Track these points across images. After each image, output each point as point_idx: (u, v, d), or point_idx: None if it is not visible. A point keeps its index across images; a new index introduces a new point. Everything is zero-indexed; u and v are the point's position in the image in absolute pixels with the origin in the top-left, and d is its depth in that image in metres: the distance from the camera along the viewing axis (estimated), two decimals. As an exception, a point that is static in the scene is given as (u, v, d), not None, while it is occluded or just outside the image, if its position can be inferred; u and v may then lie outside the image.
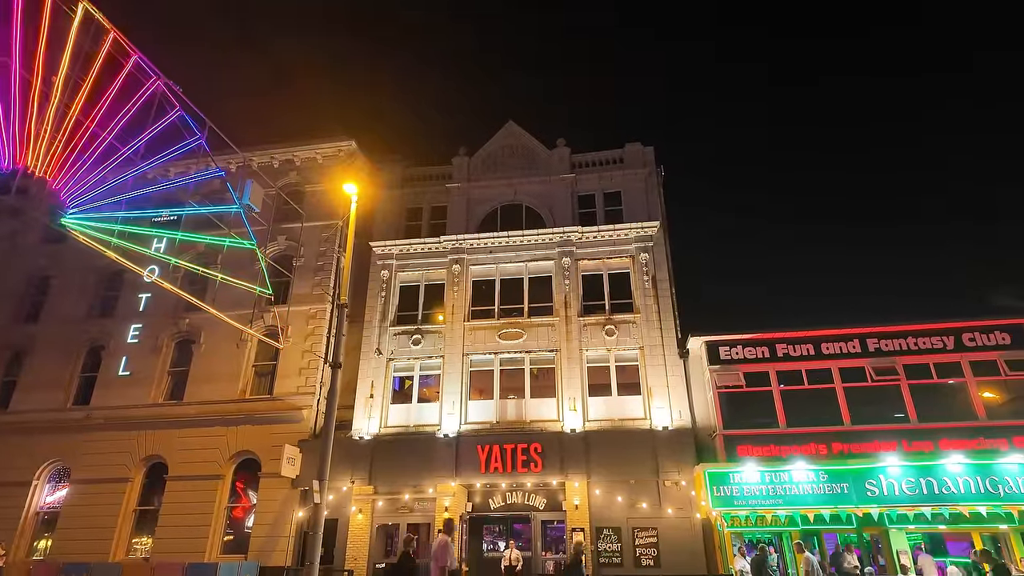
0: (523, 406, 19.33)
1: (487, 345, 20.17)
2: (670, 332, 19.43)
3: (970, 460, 15.14)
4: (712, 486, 15.90)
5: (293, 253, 22.53)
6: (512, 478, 17.90)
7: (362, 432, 19.27)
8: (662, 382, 18.66)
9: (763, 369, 17.37)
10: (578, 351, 19.60)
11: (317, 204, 23.05)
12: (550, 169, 22.75)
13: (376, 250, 22.05)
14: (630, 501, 17.28)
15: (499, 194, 22.75)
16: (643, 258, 20.53)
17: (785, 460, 15.93)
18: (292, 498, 18.78)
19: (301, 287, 21.81)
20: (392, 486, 18.54)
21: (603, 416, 18.73)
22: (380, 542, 18.49)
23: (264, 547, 18.26)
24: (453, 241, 21.59)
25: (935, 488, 14.99)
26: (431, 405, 19.81)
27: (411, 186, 23.57)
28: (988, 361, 16.42)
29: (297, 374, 20.55)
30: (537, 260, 21.27)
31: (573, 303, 20.34)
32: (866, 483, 15.27)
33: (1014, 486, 14.77)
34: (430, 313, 21.26)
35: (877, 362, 16.87)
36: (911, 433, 15.87)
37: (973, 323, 16.88)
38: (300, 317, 21.22)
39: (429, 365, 20.42)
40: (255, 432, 19.83)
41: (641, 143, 22.79)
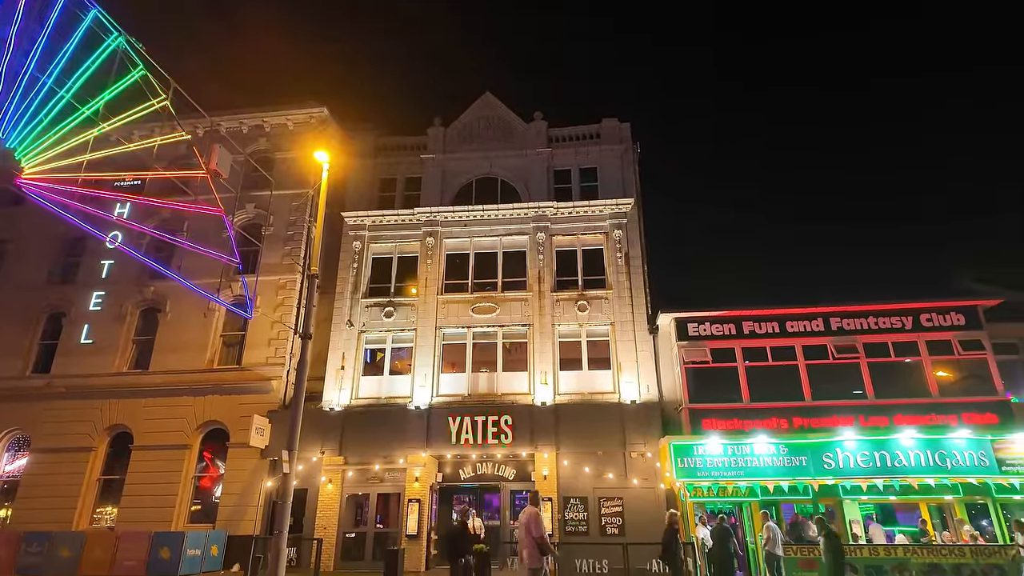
0: (495, 379, 19.48)
1: (460, 319, 20.18)
2: (641, 308, 19.69)
3: (922, 435, 15.85)
4: (677, 458, 16.36)
5: (262, 222, 22.07)
6: (482, 449, 18.12)
7: (333, 403, 19.22)
8: (632, 357, 18.96)
9: (729, 345, 17.77)
10: (550, 326, 19.75)
11: (287, 172, 22.55)
12: (526, 143, 22.59)
13: (348, 220, 21.73)
14: (597, 472, 17.67)
15: (475, 167, 22.55)
16: (617, 235, 20.65)
17: (748, 434, 16.44)
18: (261, 468, 18.73)
19: (270, 257, 21.43)
20: (363, 457, 18.61)
21: (573, 390, 19.00)
22: (350, 511, 18.62)
23: (232, 516, 18.24)
24: (427, 213, 21.39)
25: (888, 461, 15.69)
26: (403, 377, 19.82)
27: (385, 156, 23.20)
28: (943, 341, 17.07)
29: (266, 345, 20.31)
30: (512, 235, 21.23)
31: (547, 278, 20.43)
32: (824, 456, 15.89)
33: (961, 460, 15.53)
34: (403, 286, 21.14)
35: (839, 340, 17.40)
36: (868, 409, 16.49)
37: (931, 304, 17.48)
38: (269, 287, 20.90)
39: (401, 338, 20.38)
40: (223, 402, 19.62)
41: (618, 119, 22.75)
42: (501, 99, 23.62)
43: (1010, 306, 17.71)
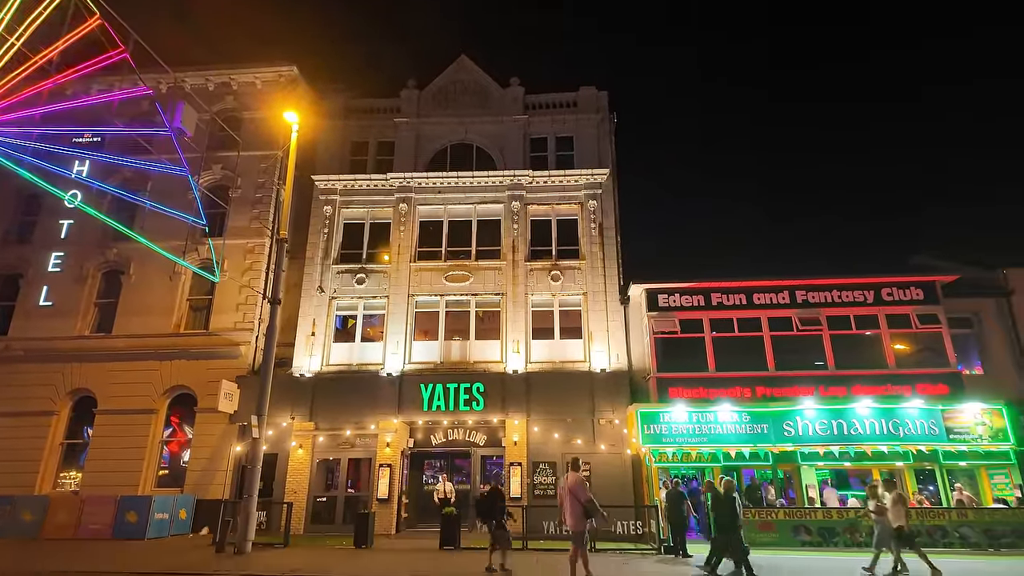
0: (467, 347, 19.55)
1: (433, 287, 20.10)
2: (613, 279, 19.86)
3: (877, 404, 16.52)
4: (643, 425, 16.78)
5: (229, 183, 21.48)
6: (454, 416, 18.29)
7: (303, 369, 19.11)
8: (603, 327, 19.20)
9: (698, 316, 18.10)
10: (524, 295, 19.82)
11: (255, 132, 21.88)
12: (503, 109, 22.26)
13: (319, 184, 21.27)
14: (566, 438, 18.02)
15: (449, 132, 22.18)
16: (592, 205, 20.66)
17: (713, 402, 16.90)
18: (230, 433, 18.63)
19: (238, 219, 20.93)
20: (333, 422, 18.63)
21: (545, 358, 19.20)
22: (320, 476, 18.71)
23: (201, 481, 18.17)
24: (401, 179, 21.05)
25: (845, 429, 16.35)
26: (375, 344, 19.76)
27: (356, 118, 22.63)
28: (902, 315, 17.64)
29: (235, 309, 19.98)
30: (487, 203, 21.07)
31: (521, 247, 20.40)
32: (784, 424, 16.47)
33: (912, 428, 16.26)
34: (375, 252, 20.90)
35: (803, 313, 17.86)
36: (828, 379, 17.06)
37: (892, 279, 18.00)
38: (237, 251, 20.46)
39: (373, 305, 20.24)
40: (190, 367, 19.34)
41: (596, 87, 22.53)
42: (477, 64, 23.15)
43: (966, 282, 18.35)
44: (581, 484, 9.73)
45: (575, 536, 9.55)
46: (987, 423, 16.24)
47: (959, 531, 14.91)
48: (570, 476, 9.92)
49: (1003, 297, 18.69)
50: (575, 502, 9.54)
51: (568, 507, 9.60)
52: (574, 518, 9.54)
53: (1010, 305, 18.58)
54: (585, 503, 9.50)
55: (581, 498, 9.53)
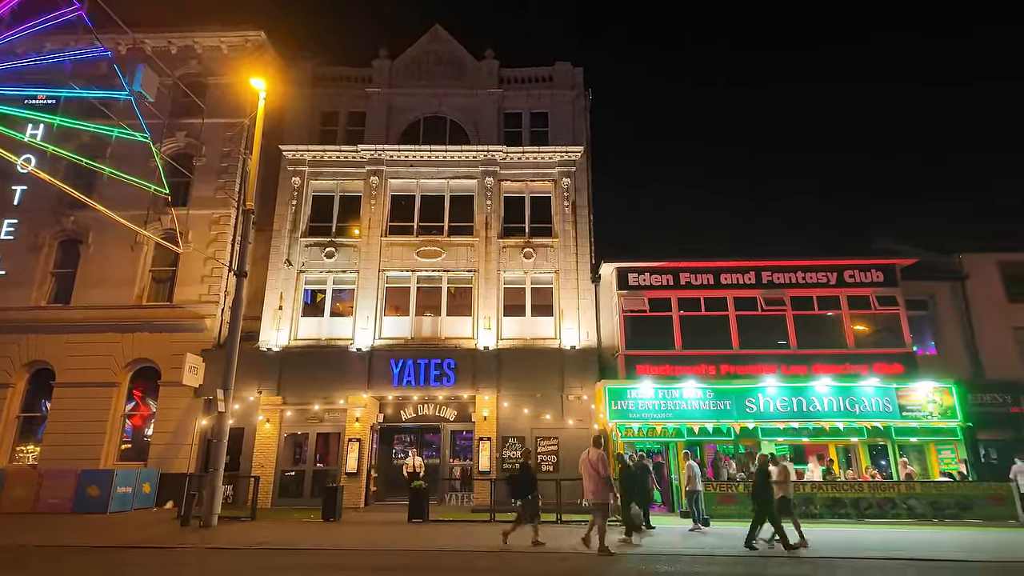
0: (439, 323, 19.52)
1: (405, 262, 19.93)
2: (585, 257, 19.97)
3: (836, 383, 17.09)
4: (611, 400, 17.09)
5: (194, 151, 20.80)
6: (424, 391, 18.33)
7: (270, 344, 18.85)
8: (574, 305, 19.35)
9: (667, 296, 18.36)
10: (496, 272, 19.80)
11: (221, 99, 21.15)
12: (477, 82, 21.93)
13: (287, 155, 20.75)
14: (535, 413, 18.24)
15: (422, 104, 21.79)
16: (565, 183, 20.63)
17: (679, 379, 17.27)
18: (195, 407, 18.35)
19: (203, 189, 20.34)
20: (302, 397, 18.49)
21: (516, 335, 19.30)
22: (288, 450, 18.62)
23: (165, 455, 17.92)
24: (372, 151, 20.66)
25: (804, 406, 16.90)
26: (344, 319, 19.57)
27: (326, 87, 22.03)
28: (862, 296, 18.19)
29: (199, 282, 19.53)
30: (460, 178, 20.86)
31: (494, 224, 20.32)
32: (746, 401, 16.95)
33: (868, 406, 16.89)
34: (345, 226, 20.57)
35: (768, 293, 18.27)
36: (789, 358, 17.56)
37: (854, 261, 18.52)
38: (202, 222, 19.93)
39: (343, 279, 19.99)
40: (153, 340, 18.91)
41: (571, 63, 22.33)
42: (452, 34, 22.69)
43: (923, 266, 18.98)
44: (602, 460, 10.37)
45: (597, 507, 10.19)
46: (937, 401, 16.95)
47: (907, 503, 15.63)
48: (592, 452, 10.53)
49: (958, 281, 19.40)
50: (596, 476, 10.20)
51: (590, 481, 10.29)
52: (598, 490, 10.20)
53: (964, 289, 19.31)
54: (605, 478, 10.19)
55: (602, 473, 10.22)
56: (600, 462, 10.33)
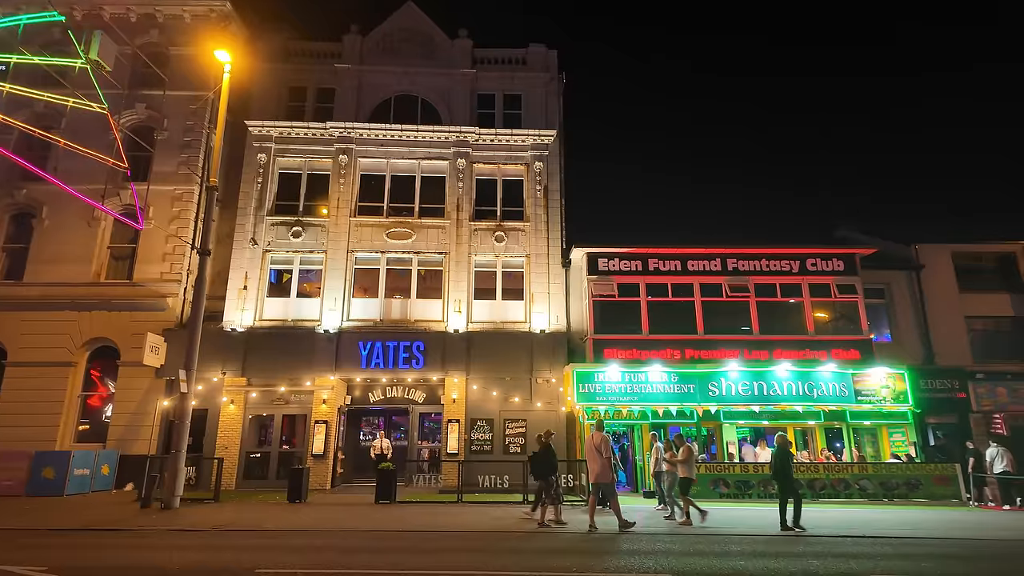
0: (408, 306, 19.39)
1: (374, 243, 19.69)
2: (556, 242, 20.03)
3: (796, 368, 17.60)
4: (579, 384, 17.31)
5: (155, 125, 20.08)
6: (393, 374, 18.27)
7: (235, 324, 18.49)
8: (544, 289, 19.43)
9: (635, 281, 18.59)
10: (467, 255, 19.71)
11: (184, 71, 20.41)
12: (451, 62, 21.62)
13: (253, 130, 20.20)
14: (504, 396, 18.37)
15: (394, 82, 21.40)
16: (538, 167, 20.59)
17: (645, 363, 17.57)
18: (157, 388, 17.96)
19: (165, 164, 19.68)
20: (267, 378, 18.24)
21: (486, 319, 19.31)
22: (253, 432, 18.39)
23: (125, 436, 17.53)
24: (341, 129, 20.25)
25: (765, 390, 17.39)
26: (311, 300, 19.29)
27: (294, 62, 21.42)
28: (823, 284, 18.70)
29: (161, 260, 18.99)
30: (431, 159, 20.62)
31: (465, 206, 20.18)
32: (709, 385, 17.36)
33: (826, 390, 17.47)
34: (313, 205, 20.18)
35: (733, 280, 18.64)
36: (752, 343, 18.00)
37: (816, 250, 19.00)
38: (164, 198, 19.33)
39: (310, 259, 19.66)
40: (112, 319, 18.38)
41: (545, 45, 22.16)
42: (425, 12, 22.26)
43: (881, 255, 19.60)
44: (606, 442, 11.18)
45: (604, 487, 10.95)
46: (890, 386, 17.63)
47: (859, 483, 16.29)
48: (596, 436, 11.24)
49: (913, 271, 20.08)
50: (600, 457, 10.93)
51: (595, 462, 10.97)
52: (603, 471, 10.95)
53: (919, 279, 20.00)
54: (607, 459, 10.96)
55: (605, 454, 10.97)
56: (603, 444, 11.06)
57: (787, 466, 11.57)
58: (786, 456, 11.71)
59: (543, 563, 7.82)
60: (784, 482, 11.42)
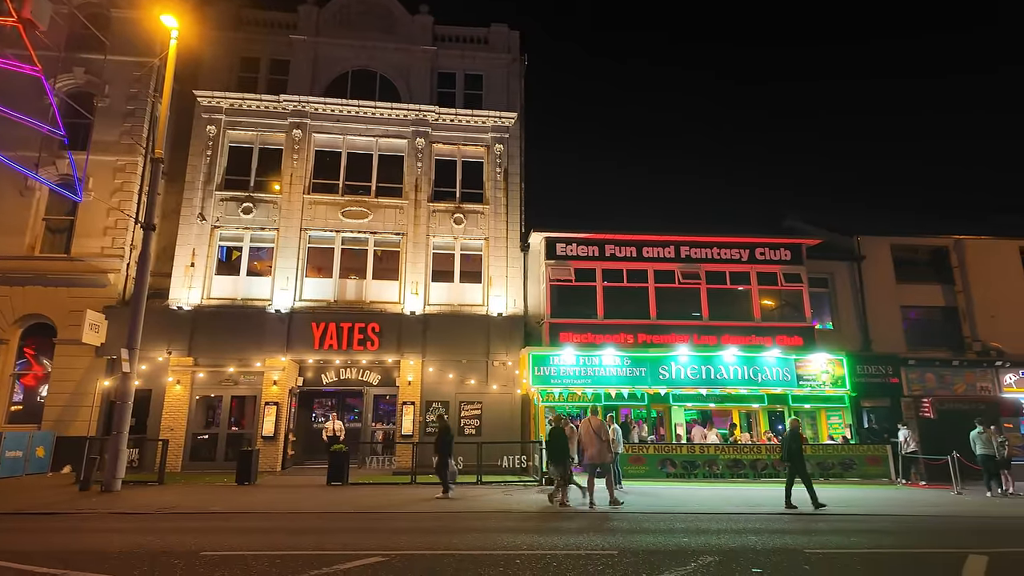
0: (364, 287, 19.11)
1: (328, 222, 19.26)
2: (515, 225, 20.04)
3: (742, 353, 18.22)
4: (534, 367, 17.50)
5: (95, 91, 19.02)
6: (347, 355, 18.04)
7: (181, 302, 17.86)
8: (502, 272, 19.46)
9: (592, 266, 18.82)
10: (425, 236, 19.52)
11: (127, 35, 19.33)
12: (411, 38, 21.16)
13: (202, 101, 19.36)
14: (460, 378, 18.40)
15: (352, 56, 20.81)
16: (498, 149, 20.47)
17: (599, 347, 17.88)
18: (97, 367, 17.24)
19: (105, 133, 18.70)
20: (215, 358, 17.74)
21: (444, 301, 19.23)
22: (200, 413, 17.90)
23: (62, 417, 16.80)
24: (295, 102, 19.62)
25: (712, 374, 17.96)
26: (263, 279, 18.79)
27: (247, 31, 20.56)
28: (771, 273, 19.35)
29: (102, 234, 18.13)
30: (389, 137, 20.24)
31: (424, 187, 19.94)
32: (660, 368, 17.83)
33: (770, 375, 18.17)
34: (265, 180, 19.56)
35: (686, 267, 19.09)
36: (701, 329, 18.53)
37: (765, 240, 19.63)
38: (104, 168, 18.39)
39: (261, 237, 19.11)
40: (48, 294, 17.49)
41: (508, 26, 21.94)
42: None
43: (825, 246, 20.40)
44: (603, 427, 12.01)
45: (601, 466, 11.75)
46: (830, 372, 18.47)
47: (798, 463, 17.07)
48: (594, 420, 12.03)
49: (855, 262, 20.98)
50: (599, 440, 11.69)
51: (591, 444, 11.73)
52: (600, 452, 11.70)
53: (860, 269, 20.91)
54: (607, 442, 11.81)
55: (604, 437, 11.81)
56: (602, 429, 11.89)
57: (798, 448, 12.21)
58: (797, 439, 12.34)
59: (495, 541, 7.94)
60: (795, 463, 12.06)
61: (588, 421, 12.05)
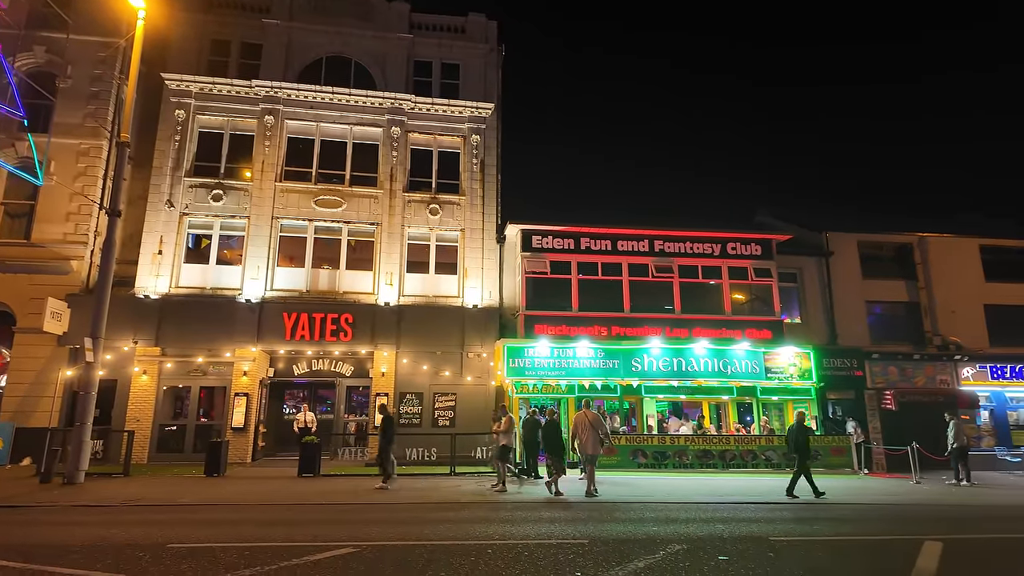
0: (337, 277, 18.90)
1: (301, 210, 18.97)
2: (491, 217, 19.99)
3: (713, 346, 18.52)
4: (509, 358, 17.55)
5: (57, 71, 18.35)
6: (320, 346, 17.85)
7: (148, 290, 17.44)
8: (478, 264, 19.42)
9: (567, 259, 18.91)
10: (400, 227, 19.36)
11: (91, 14, 18.66)
12: (387, 24, 20.85)
13: (170, 84, 18.85)
14: (435, 369, 18.35)
15: (326, 42, 20.44)
16: (475, 140, 20.36)
17: (573, 339, 18.01)
18: (59, 356, 16.76)
19: (68, 115, 18.07)
20: (184, 348, 17.38)
21: (419, 292, 19.12)
22: (168, 404, 17.55)
23: (22, 407, 16.30)
24: (268, 88, 19.22)
25: (683, 366, 18.22)
26: (233, 268, 18.44)
27: (218, 13, 20.02)
28: (741, 267, 19.69)
29: (64, 219, 17.57)
30: (364, 125, 19.97)
31: (399, 177, 19.75)
32: (633, 360, 18.03)
33: (739, 367, 18.51)
34: (236, 167, 19.15)
35: (659, 261, 19.31)
36: (673, 322, 18.78)
37: (737, 235, 19.96)
38: (67, 152, 17.80)
39: (232, 225, 18.73)
40: (7, 281, 16.92)
41: (485, 16, 21.78)
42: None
43: (795, 241, 20.81)
44: (598, 419, 12.26)
45: (591, 458, 12.00)
46: (797, 364, 18.90)
47: (765, 454, 17.50)
48: (589, 413, 12.25)
49: (823, 257, 21.45)
50: (593, 432, 11.93)
51: (586, 436, 11.92)
52: (593, 444, 11.93)
53: (827, 264, 21.40)
54: (603, 435, 12.17)
55: (601, 431, 12.08)
56: (597, 421, 12.16)
57: (804, 440, 12.63)
58: (804, 431, 12.75)
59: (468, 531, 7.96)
60: (800, 455, 12.50)
61: (584, 413, 12.31)
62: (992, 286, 21.86)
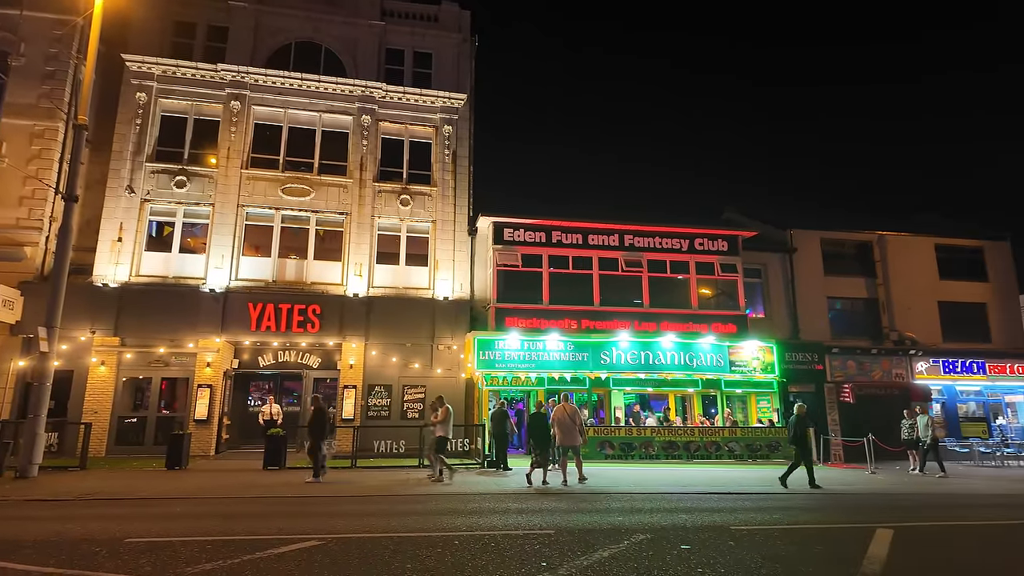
0: (305, 267, 18.61)
1: (268, 199, 18.59)
2: (463, 209, 19.91)
3: (680, 339, 18.84)
4: (479, 351, 17.57)
5: (9, 48, 17.51)
6: (286, 337, 17.58)
7: (107, 278, 16.90)
8: (449, 256, 19.33)
9: (539, 252, 18.98)
10: (370, 217, 19.14)
11: (46, -11, 17.90)
12: (358, 11, 20.49)
13: (131, 66, 18.21)
14: (404, 362, 18.25)
15: (295, 27, 20.00)
16: (446, 130, 20.22)
17: (544, 332, 18.12)
18: (11, 346, 16.14)
19: (21, 95, 17.32)
20: (144, 339, 16.92)
21: (388, 284, 18.96)
22: (128, 395, 17.08)
23: (-29, 400, 15.66)
24: (234, 72, 18.73)
25: (651, 360, 18.51)
26: (196, 256, 17.99)
27: (183, -7, 19.41)
28: (708, 263, 20.05)
29: (17, 204, 16.89)
30: (334, 112, 19.64)
31: (369, 166, 19.50)
32: (602, 353, 18.23)
33: (705, 360, 18.89)
34: (200, 153, 18.65)
35: (629, 255, 19.53)
36: (642, 315, 19.05)
37: (704, 231, 20.30)
38: (20, 133, 17.08)
39: (195, 212, 18.25)
40: (-46, 268, 16.18)
41: (459, 5, 21.59)
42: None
43: (760, 238, 21.27)
44: (576, 412, 12.58)
45: (576, 449, 12.35)
46: (761, 358, 19.37)
47: (729, 446, 17.92)
48: (568, 406, 12.56)
49: (787, 253, 21.98)
50: (573, 425, 12.24)
51: (566, 428, 12.23)
52: (572, 437, 12.23)
53: (791, 261, 21.94)
54: (580, 426, 12.44)
55: (578, 423, 12.40)
56: (576, 414, 12.47)
57: (804, 433, 12.87)
58: (803, 423, 12.95)
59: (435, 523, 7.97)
60: (800, 447, 12.74)
61: (563, 407, 12.54)
62: (946, 283, 22.75)
